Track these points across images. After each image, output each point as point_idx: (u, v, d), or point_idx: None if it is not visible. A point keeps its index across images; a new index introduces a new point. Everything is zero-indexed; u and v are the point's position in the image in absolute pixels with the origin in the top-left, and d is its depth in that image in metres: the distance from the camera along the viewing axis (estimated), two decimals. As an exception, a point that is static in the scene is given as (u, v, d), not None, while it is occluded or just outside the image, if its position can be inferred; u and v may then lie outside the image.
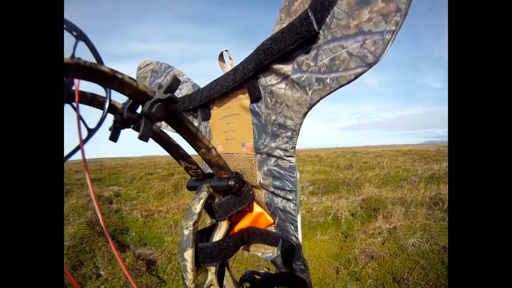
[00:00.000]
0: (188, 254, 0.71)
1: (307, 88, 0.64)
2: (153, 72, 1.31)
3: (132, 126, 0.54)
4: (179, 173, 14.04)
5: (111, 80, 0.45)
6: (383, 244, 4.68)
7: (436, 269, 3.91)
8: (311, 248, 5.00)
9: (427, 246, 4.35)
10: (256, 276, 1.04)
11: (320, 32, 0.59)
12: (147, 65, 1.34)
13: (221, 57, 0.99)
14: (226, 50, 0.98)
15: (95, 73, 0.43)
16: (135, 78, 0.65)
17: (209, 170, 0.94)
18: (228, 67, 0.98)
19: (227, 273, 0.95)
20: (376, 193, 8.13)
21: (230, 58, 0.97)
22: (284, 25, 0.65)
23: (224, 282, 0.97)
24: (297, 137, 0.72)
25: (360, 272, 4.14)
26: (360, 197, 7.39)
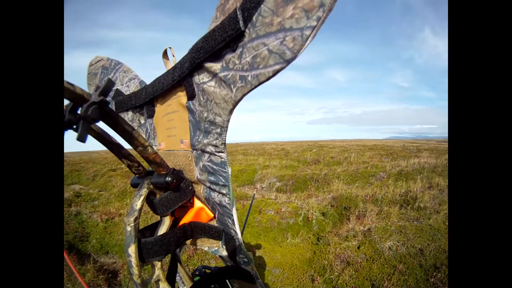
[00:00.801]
0: (132, 250, 0.74)
1: (232, 86, 0.67)
2: (104, 68, 1.33)
3: (72, 128, 0.53)
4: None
5: None
6: (358, 248, 4.47)
7: (415, 273, 3.77)
8: (283, 254, 4.70)
9: (404, 249, 4.23)
10: (207, 271, 1.15)
11: (246, 30, 0.60)
12: (98, 61, 1.35)
13: (165, 54, 1.00)
14: (170, 48, 1.00)
15: None
16: (87, 73, 0.80)
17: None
18: (172, 64, 1.00)
19: (180, 268, 1.02)
20: (346, 190, 8.04)
21: (174, 56, 1.00)
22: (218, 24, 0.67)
23: (178, 277, 1.06)
24: (226, 134, 0.75)
25: (337, 280, 3.89)
26: (330, 195, 7.23)
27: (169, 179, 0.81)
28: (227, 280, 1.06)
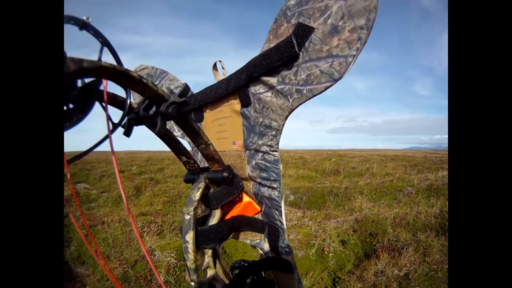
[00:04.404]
0: (190, 236, 0.78)
1: (289, 97, 0.79)
2: (148, 76, 1.38)
3: (145, 123, 0.61)
4: (150, 172, 13.38)
5: (137, 83, 0.53)
6: (393, 308, 2.96)
7: None
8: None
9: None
10: (245, 264, 1.15)
11: (300, 53, 0.74)
12: (143, 69, 1.40)
13: (214, 66, 1.12)
14: (220, 61, 1.11)
15: (125, 77, 0.51)
16: None
17: (204, 165, 0.96)
18: (221, 75, 1.11)
19: (218, 264, 1.01)
20: (371, 209, 6.58)
21: (223, 68, 1.10)
22: (272, 45, 0.80)
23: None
24: (280, 135, 0.85)
25: None
26: (352, 216, 5.72)
27: (226, 174, 0.85)
28: (262, 272, 1.06)
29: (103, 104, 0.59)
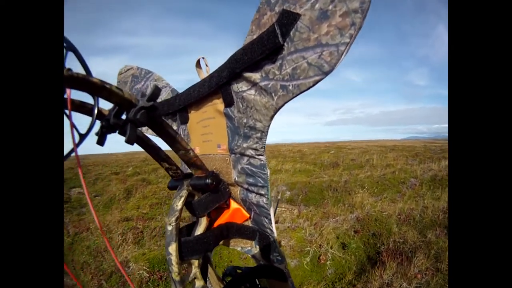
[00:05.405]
0: (172, 248, 0.75)
1: (273, 94, 0.69)
2: (134, 77, 1.34)
3: (118, 131, 0.56)
4: (144, 173, 12.94)
5: (100, 90, 0.49)
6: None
7: None
8: None
9: None
10: (238, 271, 1.09)
11: (285, 44, 0.64)
12: (128, 70, 1.35)
13: (198, 63, 1.01)
14: (203, 58, 1.00)
15: (86, 83, 0.47)
16: (116, 82, 0.83)
17: (188, 171, 0.90)
18: (205, 73, 1.01)
19: (210, 270, 0.99)
20: (373, 205, 6.04)
21: (207, 65, 1.00)
22: (255, 37, 0.70)
23: (208, 278, 1.02)
24: (266, 138, 0.77)
25: None
26: (353, 214, 5.17)
27: (209, 181, 0.80)
28: (256, 279, 1.01)
29: (66, 112, 0.55)
